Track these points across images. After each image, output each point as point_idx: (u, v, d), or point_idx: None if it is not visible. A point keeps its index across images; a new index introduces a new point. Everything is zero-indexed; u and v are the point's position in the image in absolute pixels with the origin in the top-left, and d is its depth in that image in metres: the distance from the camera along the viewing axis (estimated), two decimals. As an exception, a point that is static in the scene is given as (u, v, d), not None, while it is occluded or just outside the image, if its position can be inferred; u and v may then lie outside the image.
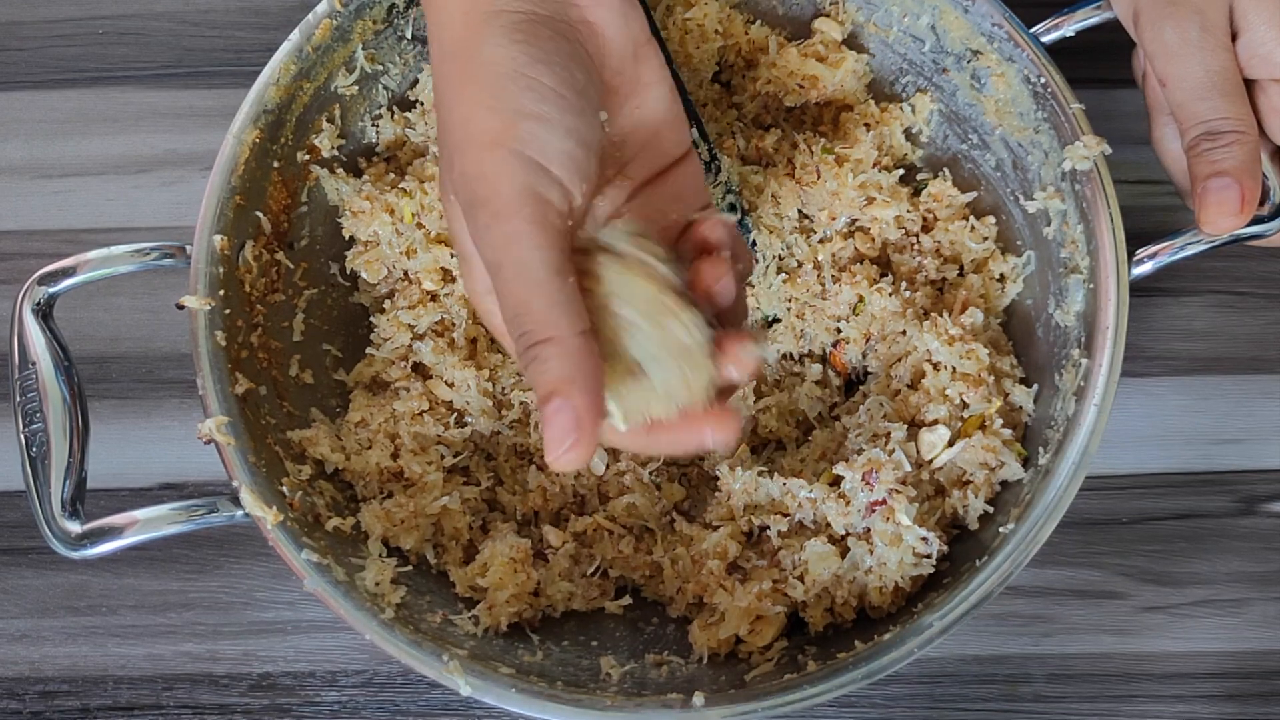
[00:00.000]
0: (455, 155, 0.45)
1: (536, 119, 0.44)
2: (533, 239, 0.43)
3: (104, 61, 0.76)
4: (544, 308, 0.42)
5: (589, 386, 0.42)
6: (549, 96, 0.44)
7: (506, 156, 0.43)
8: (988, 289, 0.63)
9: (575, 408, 0.42)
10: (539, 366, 0.42)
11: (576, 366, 0.42)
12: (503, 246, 0.43)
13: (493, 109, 0.44)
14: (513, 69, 0.44)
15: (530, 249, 0.43)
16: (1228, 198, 0.53)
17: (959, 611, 0.52)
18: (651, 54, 0.50)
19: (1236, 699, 0.63)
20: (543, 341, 0.42)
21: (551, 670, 0.54)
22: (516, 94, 0.44)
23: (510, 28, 0.45)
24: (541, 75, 0.45)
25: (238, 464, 0.54)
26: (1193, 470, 0.67)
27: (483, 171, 0.44)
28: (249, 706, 0.64)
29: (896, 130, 0.66)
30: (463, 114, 0.45)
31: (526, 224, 0.43)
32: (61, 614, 0.65)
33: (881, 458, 0.56)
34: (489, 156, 0.44)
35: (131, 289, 0.70)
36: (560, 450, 0.42)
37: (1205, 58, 0.54)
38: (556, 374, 0.42)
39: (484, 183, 0.44)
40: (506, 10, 0.46)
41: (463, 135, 0.45)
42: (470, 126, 0.44)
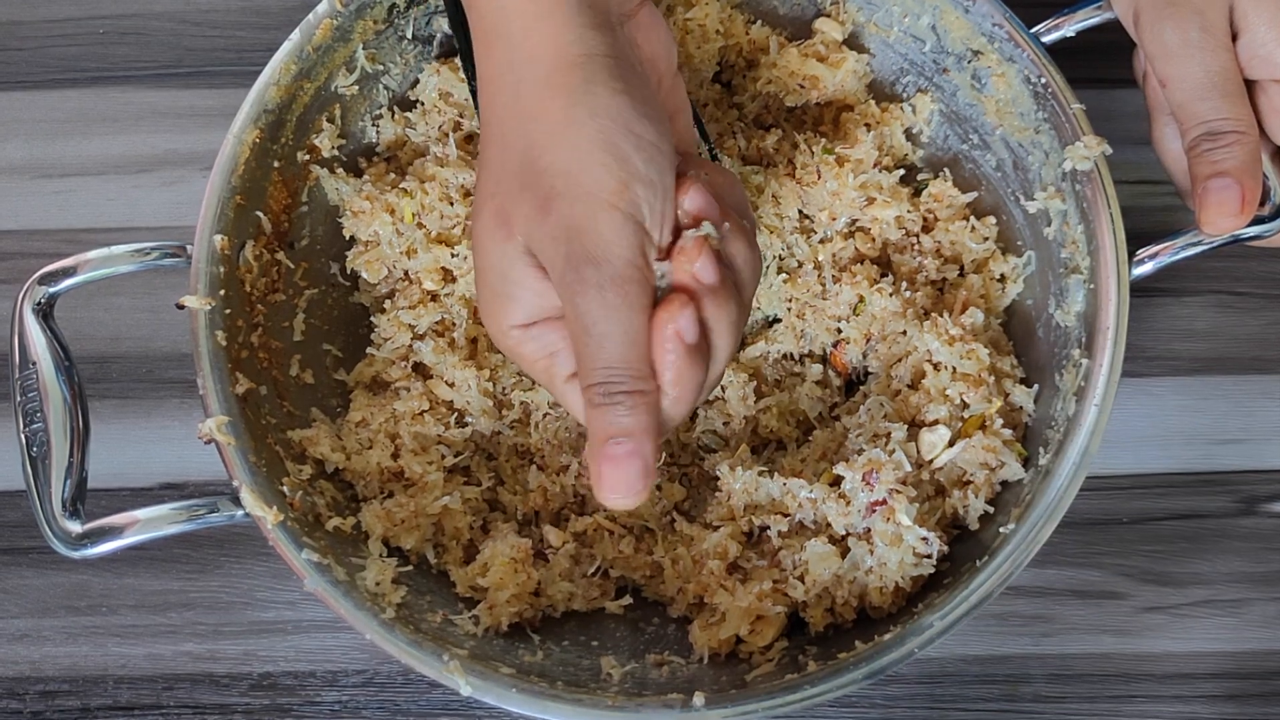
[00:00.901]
0: (557, 202, 0.45)
1: (645, 184, 0.45)
2: (641, 302, 0.45)
3: (104, 61, 0.76)
4: (640, 365, 0.45)
5: (659, 440, 0.45)
6: (654, 156, 0.45)
7: (622, 221, 0.44)
8: (988, 289, 0.63)
9: (646, 457, 0.44)
10: (619, 411, 0.44)
11: (656, 420, 0.45)
12: (611, 309, 0.44)
13: (608, 166, 0.44)
14: (623, 122, 0.45)
15: (638, 312, 0.45)
16: (1228, 198, 0.53)
17: (959, 612, 0.52)
18: (680, 84, 0.52)
19: (1237, 699, 0.63)
20: (633, 393, 0.44)
21: (552, 670, 0.54)
22: (629, 154, 0.45)
23: (610, 74, 0.46)
24: (645, 131, 0.45)
25: (238, 464, 0.54)
26: (1193, 470, 0.67)
27: (599, 232, 0.44)
28: (249, 706, 0.64)
29: (897, 130, 0.66)
30: (571, 160, 0.45)
31: (638, 289, 0.44)
32: (62, 614, 0.65)
33: (882, 458, 0.56)
34: (604, 217, 0.44)
35: (132, 289, 0.70)
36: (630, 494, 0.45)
37: (1205, 58, 0.54)
38: (638, 423, 0.45)
39: (599, 243, 0.44)
40: (600, 53, 0.46)
41: (570, 184, 0.45)
42: (582, 178, 0.45)
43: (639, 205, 0.44)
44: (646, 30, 0.50)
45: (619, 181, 0.44)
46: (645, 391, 0.45)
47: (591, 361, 0.45)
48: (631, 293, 0.44)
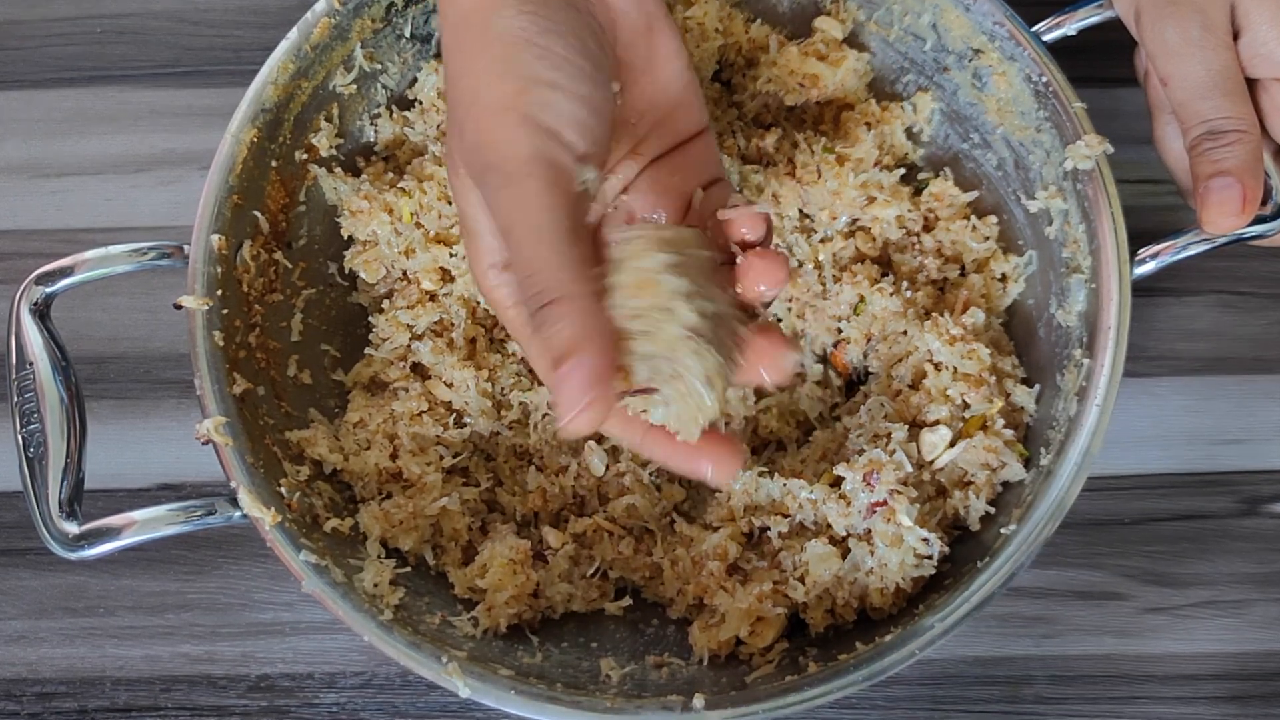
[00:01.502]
0: (466, 123, 0.45)
1: (548, 85, 0.44)
2: (545, 199, 0.43)
3: (102, 60, 0.76)
4: (556, 267, 0.42)
5: (603, 344, 0.41)
6: (560, 64, 0.44)
7: (518, 121, 0.43)
8: (989, 289, 0.63)
9: (590, 365, 0.41)
10: (550, 328, 0.41)
11: (590, 324, 0.41)
12: (515, 209, 0.43)
13: (503, 75, 0.44)
14: (524, 38, 0.44)
15: (542, 210, 0.42)
16: (1229, 197, 0.53)
17: (960, 613, 0.52)
18: (666, 28, 0.50)
19: (1239, 700, 0.63)
20: (554, 301, 0.42)
21: (551, 672, 0.54)
22: (528, 61, 0.44)
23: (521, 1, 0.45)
24: (553, 44, 0.44)
25: (236, 465, 0.54)
26: (1195, 471, 0.67)
27: (494, 138, 0.43)
28: (247, 708, 0.63)
29: (897, 129, 0.66)
30: (472, 83, 0.45)
31: (538, 184, 0.43)
32: (59, 615, 0.65)
33: (882, 458, 0.56)
34: (500, 121, 0.43)
35: (129, 289, 0.70)
36: (575, 410, 0.41)
37: (1206, 57, 0.54)
38: (569, 333, 0.41)
39: (495, 148, 0.43)
40: None
41: (472, 102, 0.45)
42: (480, 94, 0.44)
43: (540, 106, 0.43)
44: None
45: (514, 87, 0.44)
46: (569, 295, 0.42)
47: (517, 274, 0.43)
48: (530, 188, 0.42)
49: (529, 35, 0.44)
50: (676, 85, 0.50)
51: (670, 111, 0.50)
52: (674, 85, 0.50)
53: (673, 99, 0.50)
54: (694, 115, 0.50)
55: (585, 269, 0.42)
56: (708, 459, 0.46)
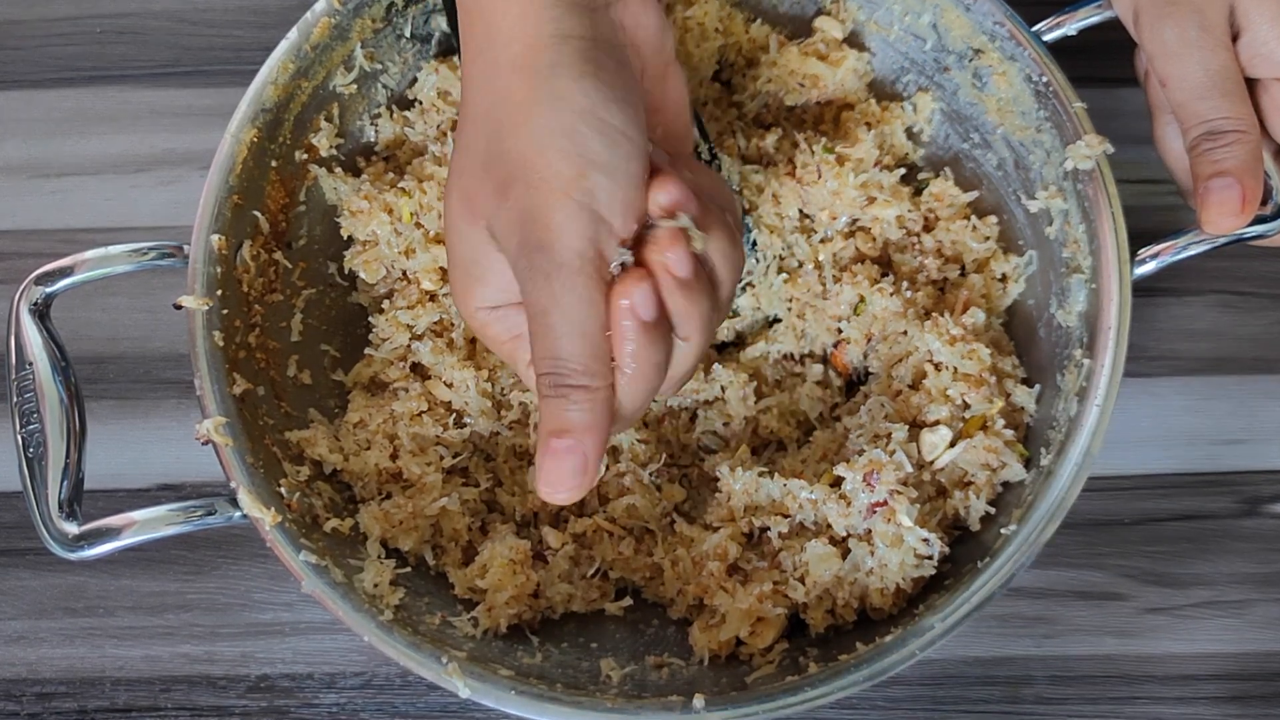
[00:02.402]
0: (515, 187, 0.44)
1: (605, 170, 0.44)
2: (590, 294, 0.44)
3: (102, 60, 0.76)
4: (588, 360, 0.44)
5: (604, 438, 0.44)
6: (619, 142, 0.44)
7: (576, 210, 0.43)
8: (989, 289, 0.63)
9: (587, 454, 0.44)
10: (563, 405, 0.44)
11: (602, 418, 0.44)
12: (559, 298, 0.44)
13: (565, 152, 0.44)
14: (586, 107, 0.44)
15: (586, 303, 0.44)
16: (1229, 197, 0.53)
17: (961, 613, 0.52)
18: (676, 73, 0.51)
19: (1239, 700, 0.63)
20: (578, 388, 0.44)
21: (551, 672, 0.54)
22: (589, 138, 0.44)
23: (580, 57, 0.45)
24: (613, 117, 0.44)
25: (235, 465, 0.53)
26: (1195, 471, 0.67)
27: (550, 219, 0.44)
28: (247, 709, 0.63)
29: (898, 129, 0.66)
30: (529, 145, 0.44)
31: (586, 280, 0.44)
32: (59, 615, 0.65)
33: (883, 458, 0.56)
34: (557, 204, 0.43)
35: (129, 289, 0.70)
36: (564, 489, 0.44)
37: (1205, 57, 0.54)
38: (581, 420, 0.44)
39: (549, 230, 0.44)
40: (573, 35, 0.45)
41: (527, 170, 0.44)
42: (538, 163, 0.44)
43: (594, 194, 0.44)
44: (635, 14, 0.49)
45: (575, 169, 0.44)
46: (592, 387, 0.44)
47: (541, 350, 0.44)
48: (580, 283, 0.43)
49: (592, 105, 0.44)
50: (680, 124, 0.51)
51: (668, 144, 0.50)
52: (678, 124, 0.51)
53: (676, 135, 0.51)
54: (688, 144, 0.52)
55: (609, 360, 0.44)
56: None
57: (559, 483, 0.44)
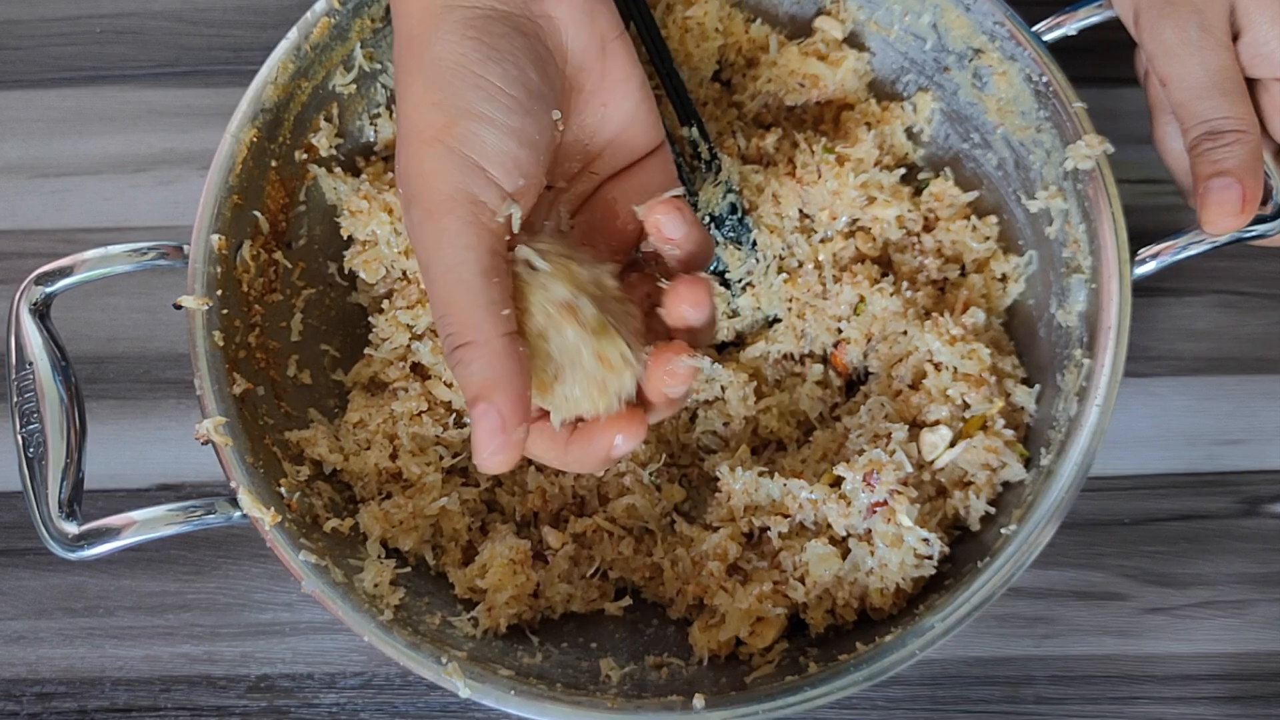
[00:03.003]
0: (400, 146, 0.45)
1: (478, 118, 0.44)
2: (462, 238, 0.43)
3: (101, 60, 0.76)
4: (469, 309, 0.42)
5: (513, 390, 0.42)
6: (495, 95, 0.44)
7: (444, 154, 0.43)
8: (989, 289, 0.63)
9: (500, 412, 0.42)
10: (464, 369, 0.42)
11: (500, 369, 0.42)
12: (433, 245, 0.43)
13: (437, 104, 0.44)
14: (460, 64, 0.44)
15: (459, 249, 0.43)
16: (1229, 197, 0.53)
17: (961, 613, 0.52)
18: (620, 49, 0.50)
19: (1239, 700, 0.63)
20: (467, 344, 0.42)
21: (551, 672, 0.54)
22: (462, 91, 0.44)
23: (464, 23, 0.45)
24: (489, 73, 0.44)
25: (235, 465, 0.53)
26: (1195, 471, 0.67)
27: (421, 168, 0.44)
28: (247, 709, 0.63)
29: (898, 129, 0.65)
30: (407, 107, 0.45)
31: (457, 223, 0.43)
32: (59, 615, 0.65)
33: (883, 458, 0.56)
34: (427, 152, 0.43)
35: (129, 289, 0.70)
36: (487, 453, 0.42)
37: (1205, 57, 0.54)
38: (481, 377, 0.42)
39: (420, 179, 0.44)
40: (463, 5, 0.45)
41: (406, 128, 0.45)
42: (413, 119, 0.44)
43: (466, 140, 0.43)
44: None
45: (444, 118, 0.43)
46: (478, 341, 0.42)
47: (434, 312, 0.44)
48: (450, 227, 0.43)
49: (467, 63, 0.44)
50: (630, 103, 0.50)
51: (624, 127, 0.50)
52: (627, 103, 0.50)
53: (626, 115, 0.50)
54: (650, 131, 0.50)
55: (499, 310, 0.43)
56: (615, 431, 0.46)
57: (481, 445, 0.42)
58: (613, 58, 0.49)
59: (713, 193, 0.61)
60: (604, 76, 0.49)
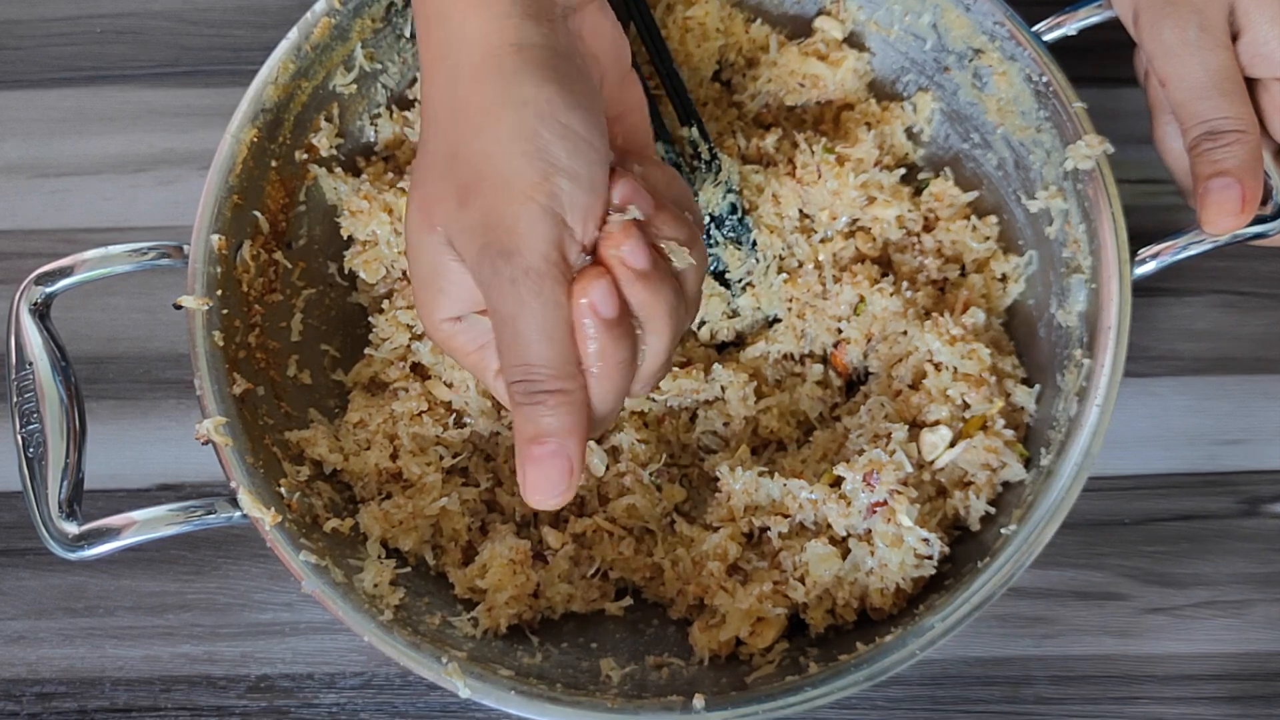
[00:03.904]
0: (475, 195, 0.44)
1: (569, 176, 0.44)
2: (556, 297, 0.44)
3: (101, 60, 0.76)
4: (560, 363, 0.44)
5: (584, 440, 0.45)
6: (581, 148, 0.44)
7: (539, 213, 0.43)
8: (989, 289, 0.63)
9: (571, 457, 0.44)
10: (539, 411, 0.44)
11: (580, 420, 0.44)
12: (525, 303, 0.44)
13: (528, 156, 0.44)
14: (548, 112, 0.44)
15: (553, 308, 0.44)
16: (1229, 197, 0.53)
17: (961, 613, 0.52)
18: (634, 81, 0.51)
19: (1239, 701, 0.63)
20: (555, 392, 0.44)
21: (551, 672, 0.54)
22: (552, 143, 0.44)
23: (540, 64, 0.45)
24: (574, 122, 0.44)
25: (235, 465, 0.53)
26: (1196, 471, 0.67)
27: (514, 225, 0.43)
28: (247, 709, 0.63)
29: (898, 129, 0.65)
30: (492, 149, 0.44)
31: (552, 284, 0.44)
32: (59, 615, 0.65)
33: (883, 458, 0.56)
34: (522, 210, 0.43)
35: (129, 289, 0.70)
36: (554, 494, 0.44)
37: (1204, 57, 0.54)
38: (560, 424, 0.44)
39: (514, 235, 0.43)
40: (533, 43, 0.45)
41: (489, 175, 0.44)
42: (500, 168, 0.44)
43: (559, 197, 0.44)
44: (593, 25, 0.49)
45: (539, 173, 0.43)
46: (567, 390, 0.44)
47: (510, 358, 0.44)
48: (547, 287, 0.43)
49: (554, 111, 0.44)
50: (641, 129, 0.52)
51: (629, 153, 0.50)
52: (639, 130, 0.51)
53: (636, 142, 0.51)
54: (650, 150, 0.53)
55: (577, 362, 0.44)
56: None
57: (548, 489, 0.44)
58: (630, 86, 0.51)
59: (713, 193, 0.61)
60: (623, 105, 0.51)
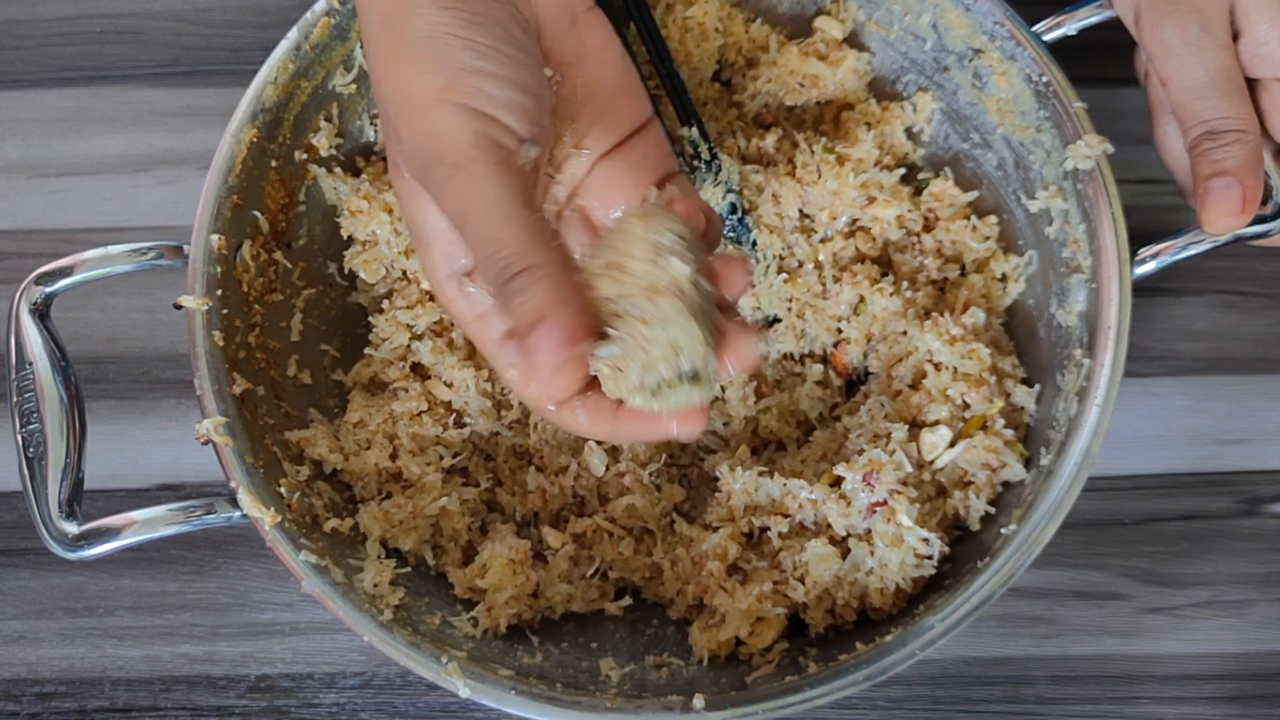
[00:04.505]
0: (400, 125, 0.44)
1: (478, 73, 0.43)
2: (495, 178, 0.42)
3: (101, 60, 0.76)
4: (519, 238, 0.42)
5: (573, 308, 0.41)
6: (487, 53, 0.44)
7: (453, 111, 0.43)
8: (989, 289, 0.63)
9: (561, 328, 0.40)
10: (521, 298, 0.41)
11: (558, 289, 0.41)
12: (466, 194, 0.43)
13: (432, 69, 0.44)
14: (446, 32, 0.44)
15: (494, 188, 0.42)
16: (1229, 197, 0.53)
17: (961, 613, 0.52)
18: (592, 20, 0.49)
19: (1239, 700, 0.63)
20: (523, 270, 0.41)
21: (551, 672, 0.54)
22: (454, 53, 0.44)
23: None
24: (477, 35, 0.44)
25: (235, 464, 0.53)
26: (1196, 471, 0.67)
27: (432, 130, 0.43)
28: (247, 709, 0.63)
29: (898, 129, 0.65)
30: (399, 82, 0.44)
31: (485, 166, 0.43)
32: (59, 615, 0.65)
33: (883, 458, 0.56)
34: (434, 114, 0.43)
35: (129, 289, 0.70)
36: (548, 371, 0.41)
37: (1205, 57, 0.54)
38: (538, 299, 0.41)
39: (434, 140, 0.43)
40: None
41: (403, 101, 0.44)
42: (410, 90, 0.44)
43: (473, 94, 0.43)
44: None
45: (445, 78, 0.43)
46: (536, 264, 0.42)
47: (477, 256, 0.43)
48: (480, 172, 0.42)
49: (452, 29, 0.44)
50: (611, 74, 0.49)
51: (609, 101, 0.49)
52: (609, 74, 0.49)
53: (610, 88, 0.49)
54: (636, 104, 0.50)
55: (547, 235, 0.42)
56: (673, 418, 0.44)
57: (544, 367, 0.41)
58: (587, 29, 0.49)
59: (713, 193, 0.61)
60: (580, 47, 0.49)
